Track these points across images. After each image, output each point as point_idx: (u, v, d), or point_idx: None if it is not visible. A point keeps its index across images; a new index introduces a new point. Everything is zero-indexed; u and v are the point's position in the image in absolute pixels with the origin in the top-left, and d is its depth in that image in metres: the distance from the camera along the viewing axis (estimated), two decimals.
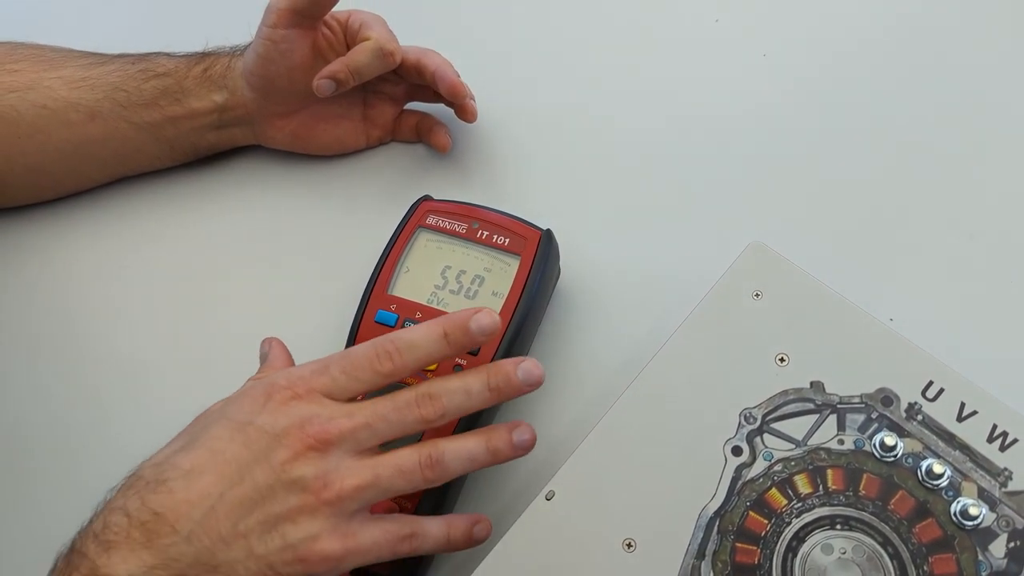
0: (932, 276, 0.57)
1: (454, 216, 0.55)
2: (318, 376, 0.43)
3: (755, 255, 0.51)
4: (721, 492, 0.46)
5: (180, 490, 0.39)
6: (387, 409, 0.42)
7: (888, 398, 0.46)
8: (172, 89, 0.60)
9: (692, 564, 0.44)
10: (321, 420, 0.41)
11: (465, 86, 0.60)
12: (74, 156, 0.61)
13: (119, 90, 0.60)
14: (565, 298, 0.58)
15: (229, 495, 0.39)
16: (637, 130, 0.65)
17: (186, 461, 0.40)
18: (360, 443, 0.42)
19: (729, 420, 0.47)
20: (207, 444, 0.41)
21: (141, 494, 0.39)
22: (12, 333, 0.60)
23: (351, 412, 0.42)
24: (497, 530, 0.47)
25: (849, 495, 0.45)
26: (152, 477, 0.40)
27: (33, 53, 0.61)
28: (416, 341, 0.43)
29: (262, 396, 0.42)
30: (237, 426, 0.41)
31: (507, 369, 0.44)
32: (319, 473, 0.40)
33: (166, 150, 0.63)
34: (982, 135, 0.62)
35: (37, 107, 0.59)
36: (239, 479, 0.40)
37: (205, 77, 0.61)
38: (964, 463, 0.45)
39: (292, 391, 0.42)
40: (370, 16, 0.60)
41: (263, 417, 0.41)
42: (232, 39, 0.62)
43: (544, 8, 0.73)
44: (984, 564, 0.42)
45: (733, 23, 0.70)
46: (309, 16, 0.58)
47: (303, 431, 0.41)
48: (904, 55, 0.67)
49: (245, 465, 0.40)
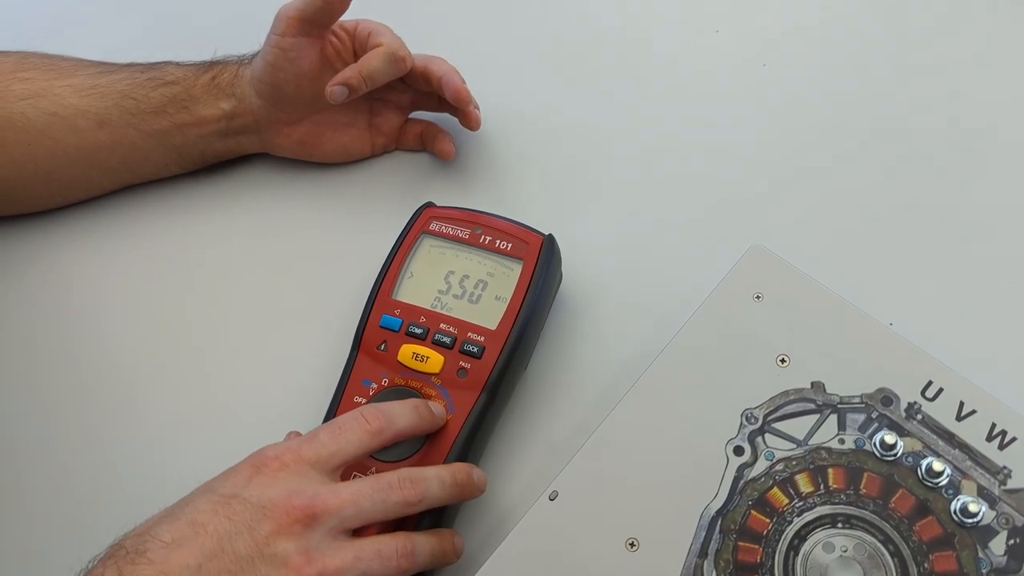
0: (931, 279, 0.57)
1: (457, 222, 0.56)
2: (306, 444, 0.44)
3: (756, 258, 0.52)
4: (723, 491, 0.46)
5: (159, 561, 0.39)
6: (371, 488, 0.44)
7: (888, 398, 0.47)
8: (180, 97, 0.61)
9: (695, 563, 0.45)
10: (307, 495, 0.42)
11: (470, 93, 0.61)
12: (83, 163, 0.62)
13: (128, 98, 0.61)
14: (567, 303, 0.59)
15: (208, 567, 0.39)
16: (638, 137, 0.66)
17: (167, 533, 0.40)
18: (344, 521, 0.42)
19: (731, 420, 0.48)
20: (189, 516, 0.41)
21: (119, 564, 0.39)
22: (17, 337, 0.61)
23: (336, 489, 0.43)
24: (501, 531, 0.48)
25: (850, 494, 0.45)
26: (132, 548, 0.40)
27: (44, 62, 0.62)
28: (394, 408, 0.47)
29: (249, 469, 0.43)
30: (221, 499, 0.42)
31: (467, 470, 0.48)
32: (301, 549, 0.40)
33: (174, 158, 0.63)
34: (980, 140, 0.63)
35: (47, 114, 0.60)
36: (219, 551, 0.40)
37: (213, 85, 0.62)
38: (964, 462, 0.45)
39: (280, 461, 0.43)
40: (377, 24, 0.61)
41: (249, 490, 0.42)
42: (238, 49, 0.63)
43: (547, 18, 0.74)
44: (984, 561, 0.43)
45: (733, 34, 0.71)
46: (318, 24, 0.59)
47: (289, 503, 0.41)
48: (901, 62, 0.67)
49: (226, 537, 0.40)
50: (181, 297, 0.62)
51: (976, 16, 0.69)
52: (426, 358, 0.52)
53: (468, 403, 0.51)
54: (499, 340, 0.52)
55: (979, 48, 0.68)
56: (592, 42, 0.72)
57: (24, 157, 0.60)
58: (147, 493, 0.44)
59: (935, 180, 0.61)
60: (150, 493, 0.44)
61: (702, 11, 0.72)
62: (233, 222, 0.64)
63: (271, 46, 0.59)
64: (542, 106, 0.69)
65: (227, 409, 0.57)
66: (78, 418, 0.57)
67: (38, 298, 0.62)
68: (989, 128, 0.63)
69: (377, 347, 0.52)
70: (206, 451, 0.47)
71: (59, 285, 0.63)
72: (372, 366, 0.52)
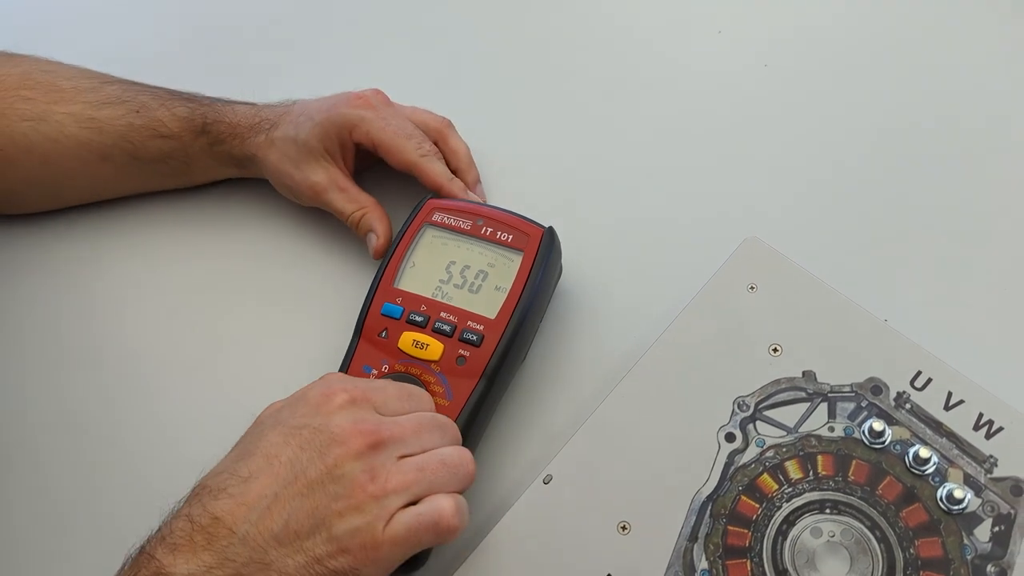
0: (924, 274, 0.58)
1: (459, 213, 0.57)
2: (374, 391, 0.46)
3: (751, 249, 0.53)
4: (714, 477, 0.47)
5: (238, 495, 0.41)
6: (430, 423, 0.46)
7: (877, 387, 0.48)
8: (178, 155, 0.62)
9: (685, 546, 0.45)
10: (373, 422, 0.44)
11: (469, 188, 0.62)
12: (88, 186, 0.64)
13: (127, 140, 0.61)
14: (566, 296, 0.60)
15: (283, 494, 0.41)
16: (640, 134, 0.67)
17: (244, 469, 0.42)
18: (406, 448, 0.44)
19: (723, 407, 0.48)
20: (263, 451, 0.43)
21: (204, 502, 0.41)
22: (40, 334, 0.62)
23: (397, 421, 0.45)
24: (496, 515, 0.49)
25: (838, 480, 0.46)
26: (214, 486, 0.42)
27: (46, 79, 0.62)
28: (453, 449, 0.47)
29: (319, 398, 0.45)
30: (291, 430, 0.44)
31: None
32: (366, 468, 0.42)
33: (183, 181, 0.65)
34: (979, 141, 0.63)
35: (49, 140, 0.60)
36: (292, 478, 0.42)
37: (213, 153, 0.62)
38: (951, 450, 0.46)
39: (349, 395, 0.45)
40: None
41: (318, 419, 0.44)
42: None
43: (550, 15, 0.75)
44: (969, 548, 0.43)
45: (735, 34, 0.72)
46: None
47: (356, 428, 0.43)
48: (901, 62, 0.68)
49: (298, 463, 0.42)
50: (189, 284, 0.63)
51: (979, 18, 0.70)
52: (426, 345, 0.53)
53: (466, 390, 0.51)
54: (498, 329, 0.53)
55: (981, 50, 0.68)
56: (596, 40, 0.73)
57: (30, 176, 0.62)
58: (158, 482, 0.45)
59: (934, 180, 0.62)
60: (161, 482, 0.45)
61: (705, 11, 0.73)
62: (240, 210, 0.66)
63: (324, 206, 0.61)
64: (545, 103, 0.70)
65: (231, 394, 0.57)
66: (97, 411, 0.59)
67: (33, 299, 0.63)
68: (988, 129, 0.64)
69: (378, 334, 0.53)
70: (216, 433, 0.47)
71: (52, 287, 0.64)
72: (373, 353, 0.53)
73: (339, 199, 0.60)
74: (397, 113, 0.62)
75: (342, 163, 0.61)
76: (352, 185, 0.61)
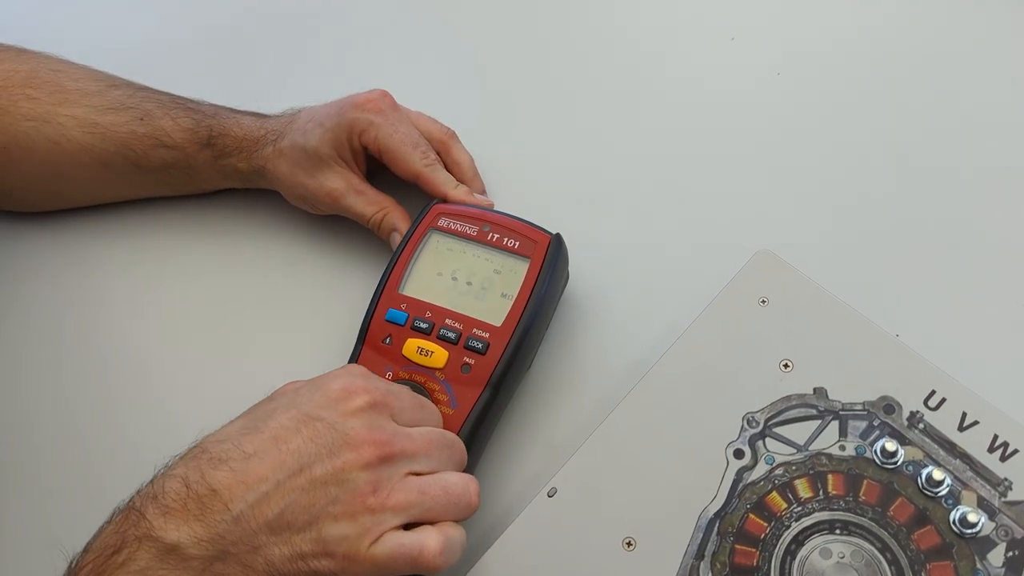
0: (938, 290, 0.57)
1: (465, 219, 0.56)
2: (393, 395, 0.45)
3: (763, 262, 0.52)
4: (722, 494, 0.46)
5: (239, 471, 0.41)
6: (440, 440, 0.46)
7: (890, 406, 0.47)
8: (181, 165, 0.61)
9: (691, 564, 0.45)
10: (388, 432, 0.43)
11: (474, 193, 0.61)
12: (90, 190, 0.64)
13: (129, 149, 0.61)
14: (573, 303, 0.59)
15: (285, 484, 0.41)
16: (651, 141, 0.66)
17: (250, 445, 0.42)
18: (414, 465, 0.44)
19: (732, 423, 0.48)
20: (272, 431, 0.42)
21: (202, 468, 0.41)
22: (43, 330, 0.61)
23: (411, 435, 0.44)
24: (500, 527, 0.48)
25: (849, 500, 0.45)
26: (215, 453, 0.41)
27: (52, 80, 0.61)
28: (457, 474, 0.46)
29: (340, 392, 0.44)
30: (305, 418, 0.43)
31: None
32: (371, 480, 0.42)
33: (186, 191, 0.65)
34: (993, 154, 0.63)
35: (51, 142, 0.60)
36: (297, 469, 0.41)
37: (218, 166, 0.62)
38: (964, 472, 0.45)
39: (371, 397, 0.44)
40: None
41: (335, 416, 0.43)
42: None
43: (561, 23, 0.75)
44: (982, 572, 0.43)
45: (748, 42, 0.71)
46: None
47: (371, 436, 0.42)
48: (914, 73, 0.68)
49: (307, 458, 0.41)
50: (192, 288, 0.62)
51: (995, 30, 0.69)
52: (431, 353, 0.52)
53: (471, 399, 0.51)
54: (504, 337, 0.52)
55: (996, 62, 0.67)
56: (605, 48, 0.72)
57: (32, 175, 0.61)
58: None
59: (948, 192, 0.61)
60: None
61: (718, 19, 0.73)
62: (243, 216, 0.65)
63: (341, 212, 0.60)
64: (556, 110, 0.69)
65: (235, 399, 0.56)
66: (98, 407, 0.58)
67: (67, 293, 0.63)
68: (1006, 143, 0.63)
69: (382, 341, 0.53)
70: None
71: (52, 288, 0.63)
72: (377, 359, 0.52)
73: (358, 203, 0.60)
74: (404, 119, 0.61)
75: (355, 167, 0.60)
76: (368, 187, 0.60)
